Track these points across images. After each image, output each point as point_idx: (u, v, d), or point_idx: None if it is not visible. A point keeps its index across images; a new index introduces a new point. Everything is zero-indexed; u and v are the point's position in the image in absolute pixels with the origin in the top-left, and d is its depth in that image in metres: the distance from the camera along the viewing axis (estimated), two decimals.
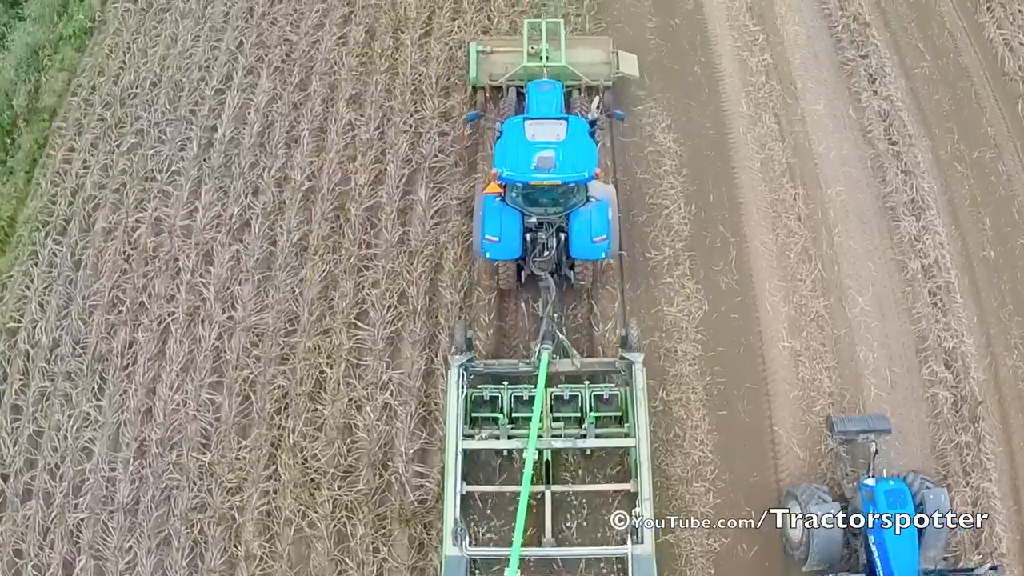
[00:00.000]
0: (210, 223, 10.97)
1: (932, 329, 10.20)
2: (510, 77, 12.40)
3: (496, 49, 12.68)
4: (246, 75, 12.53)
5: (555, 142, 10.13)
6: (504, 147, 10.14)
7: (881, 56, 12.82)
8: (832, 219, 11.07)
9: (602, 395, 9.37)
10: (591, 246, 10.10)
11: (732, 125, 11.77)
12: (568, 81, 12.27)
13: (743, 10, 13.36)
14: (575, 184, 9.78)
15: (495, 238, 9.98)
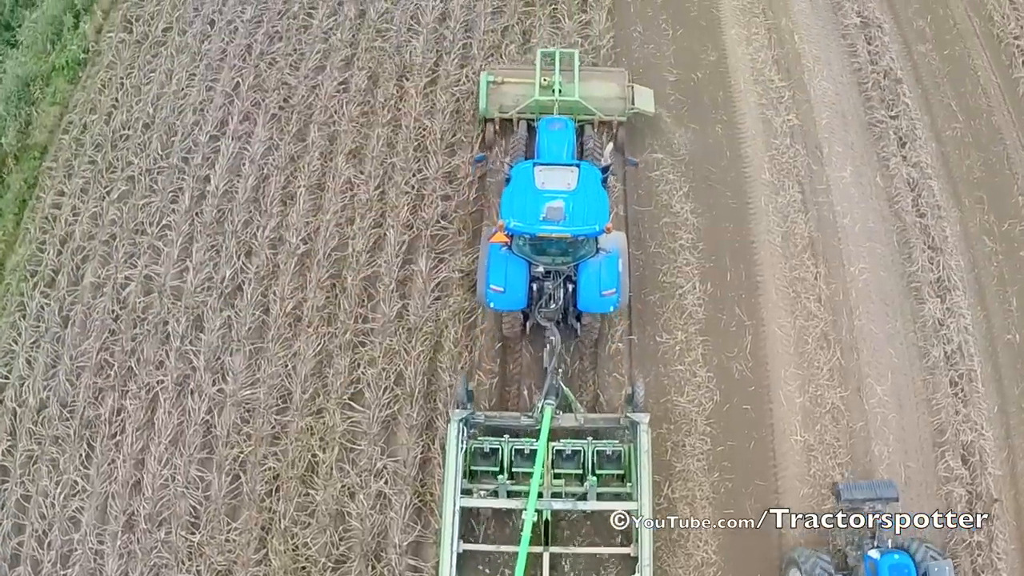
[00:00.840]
0: (201, 285, 11.67)
1: (951, 421, 10.77)
2: (521, 110, 13.18)
3: (507, 80, 13.45)
4: (242, 121, 13.24)
5: (565, 191, 10.73)
6: (512, 195, 10.75)
7: (912, 117, 13.43)
8: (854, 300, 11.64)
9: (605, 451, 9.96)
10: (600, 299, 10.72)
11: (754, 194, 12.36)
12: (581, 116, 13.02)
13: (769, 63, 13.94)
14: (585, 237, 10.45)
15: (500, 288, 10.59)
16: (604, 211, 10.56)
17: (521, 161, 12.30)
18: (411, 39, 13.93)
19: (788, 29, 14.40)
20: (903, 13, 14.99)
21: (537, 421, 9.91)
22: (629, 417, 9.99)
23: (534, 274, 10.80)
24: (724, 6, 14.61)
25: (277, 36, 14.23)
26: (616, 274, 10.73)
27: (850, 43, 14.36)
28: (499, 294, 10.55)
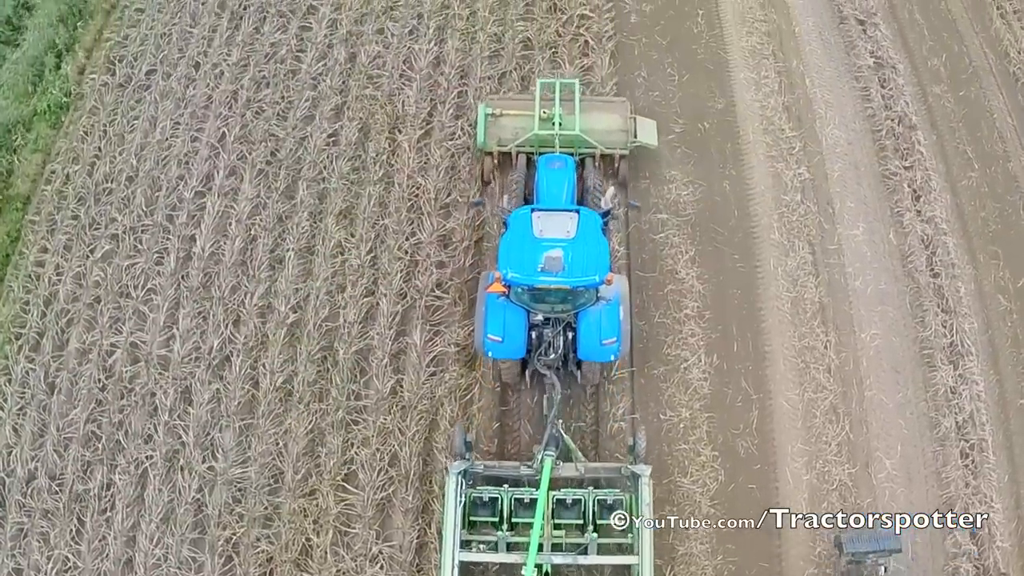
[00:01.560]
0: (188, 355, 12.24)
1: (960, 495, 11.28)
2: (520, 144, 13.74)
3: (506, 112, 14.04)
4: (228, 175, 13.85)
5: (564, 240, 11.30)
6: (509, 244, 11.30)
7: (926, 167, 14.00)
8: (864, 370, 12.20)
9: (606, 500, 10.52)
10: (600, 348, 11.33)
11: (762, 256, 12.90)
12: (582, 150, 13.65)
13: (779, 110, 14.49)
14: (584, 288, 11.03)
15: (498, 337, 11.18)
16: (604, 261, 11.09)
17: (519, 204, 12.83)
18: (404, 86, 14.53)
19: (799, 72, 15.00)
20: (918, 51, 15.60)
21: (537, 471, 10.51)
22: (631, 469, 10.52)
23: (533, 322, 11.39)
24: (732, 48, 15.18)
25: (264, 82, 14.85)
26: (617, 322, 11.28)
27: (863, 86, 14.97)
28: (497, 343, 11.12)
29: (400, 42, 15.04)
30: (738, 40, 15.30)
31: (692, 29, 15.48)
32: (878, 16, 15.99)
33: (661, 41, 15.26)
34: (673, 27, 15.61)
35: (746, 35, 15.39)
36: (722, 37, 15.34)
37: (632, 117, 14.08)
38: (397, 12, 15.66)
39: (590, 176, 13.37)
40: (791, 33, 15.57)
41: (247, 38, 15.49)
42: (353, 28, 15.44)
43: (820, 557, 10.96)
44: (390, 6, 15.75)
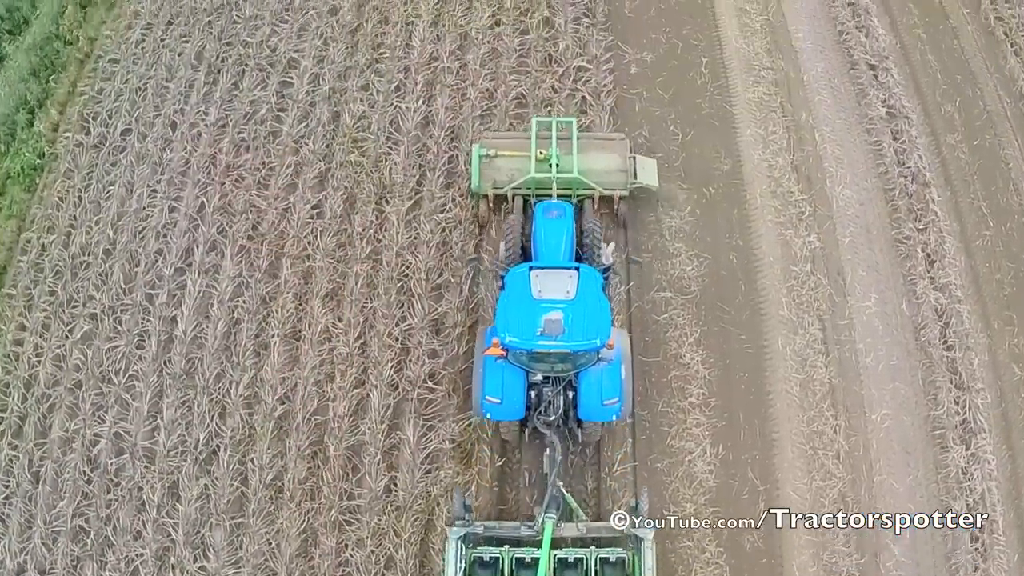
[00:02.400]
0: (174, 448, 12.87)
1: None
2: (516, 187, 14.38)
3: (501, 153, 14.67)
4: (208, 251, 14.40)
5: (564, 301, 11.85)
6: (507, 306, 11.87)
7: (940, 229, 14.60)
8: (874, 453, 12.84)
9: (608, 558, 11.20)
10: (601, 409, 12.02)
11: (770, 335, 13.46)
12: (580, 191, 14.30)
13: (788, 170, 15.05)
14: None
15: (496, 399, 11.89)
16: (606, 323, 11.66)
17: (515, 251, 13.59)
18: (391, 151, 15.04)
19: (808, 126, 15.51)
20: (930, 96, 16.19)
21: (538, 532, 11.22)
22: (633, 532, 11.19)
23: (532, 381, 12.06)
24: (738, 100, 15.70)
25: (244, 145, 15.39)
26: (619, 382, 11.97)
27: (875, 140, 15.51)
28: (495, 405, 11.81)
29: (386, 100, 15.56)
30: (744, 91, 15.81)
31: (696, 80, 15.98)
32: (890, 59, 16.56)
33: (663, 95, 15.72)
34: (676, 78, 16.09)
35: (753, 85, 15.93)
36: (727, 88, 15.86)
37: (632, 156, 14.73)
38: (382, 65, 16.19)
39: (589, 225, 13.90)
40: (799, 82, 16.09)
41: (225, 95, 16.00)
42: (336, 84, 15.94)
43: None
44: (375, 59, 16.30)
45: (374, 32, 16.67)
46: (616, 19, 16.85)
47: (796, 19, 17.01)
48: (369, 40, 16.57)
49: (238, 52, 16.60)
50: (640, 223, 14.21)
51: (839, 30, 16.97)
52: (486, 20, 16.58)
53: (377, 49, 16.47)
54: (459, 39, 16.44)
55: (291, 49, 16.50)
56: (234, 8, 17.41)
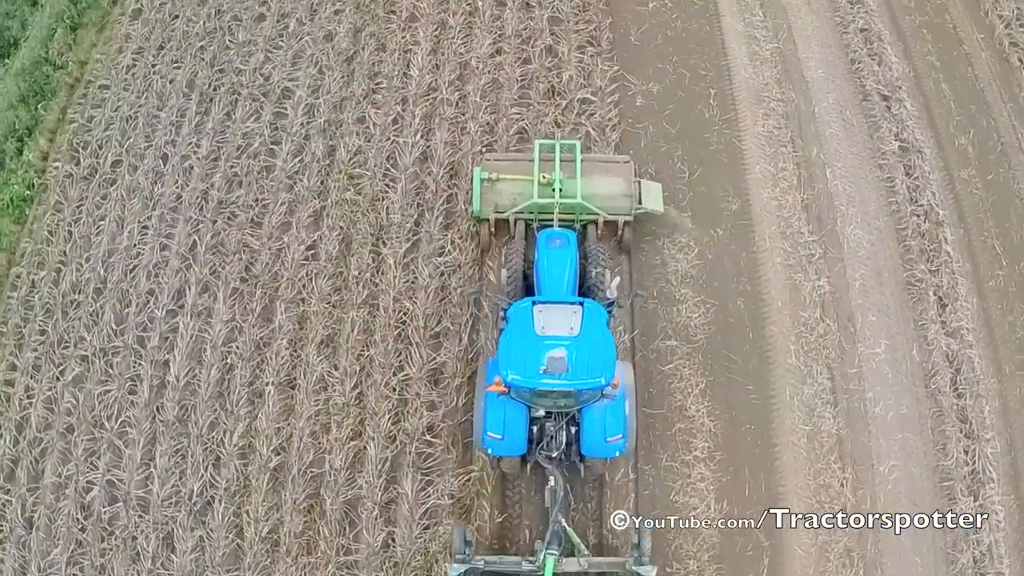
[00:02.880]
0: (168, 497, 13.08)
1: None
2: (518, 211, 14.65)
3: (503, 176, 14.95)
4: (201, 293, 14.60)
5: (568, 338, 12.08)
6: (510, 342, 12.12)
7: (953, 269, 14.85)
8: (882, 505, 13.05)
9: None
10: (604, 445, 12.32)
11: (778, 385, 13.68)
12: (584, 216, 14.58)
13: (798, 209, 15.27)
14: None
15: (498, 435, 12.18)
16: (610, 360, 11.86)
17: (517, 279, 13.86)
18: (387, 189, 15.25)
19: (819, 162, 15.74)
20: (944, 128, 16.43)
21: (539, 568, 11.51)
22: (635, 570, 11.51)
23: (534, 415, 12.33)
24: (747, 134, 15.89)
25: (236, 180, 15.58)
26: (623, 418, 12.27)
27: (887, 176, 15.73)
28: (497, 440, 12.12)
29: (383, 133, 15.75)
30: (753, 125, 16.01)
31: (704, 113, 16.16)
32: (903, 90, 16.77)
33: (670, 129, 15.90)
34: (683, 111, 16.26)
35: (762, 118, 16.13)
36: (736, 121, 16.06)
37: (636, 180, 15.00)
38: (379, 96, 16.37)
39: (593, 253, 14.12)
40: (810, 114, 16.29)
41: (218, 125, 16.22)
42: (332, 116, 16.14)
43: None
44: (371, 89, 16.48)
45: (371, 60, 16.87)
46: (622, 47, 17.03)
47: (807, 47, 17.22)
48: (366, 69, 16.74)
49: (231, 80, 16.79)
50: (646, 267, 14.40)
51: (851, 58, 17.20)
52: (487, 48, 16.78)
53: (374, 79, 16.64)
54: (459, 68, 16.64)
55: (285, 78, 16.69)
56: (227, 33, 17.64)
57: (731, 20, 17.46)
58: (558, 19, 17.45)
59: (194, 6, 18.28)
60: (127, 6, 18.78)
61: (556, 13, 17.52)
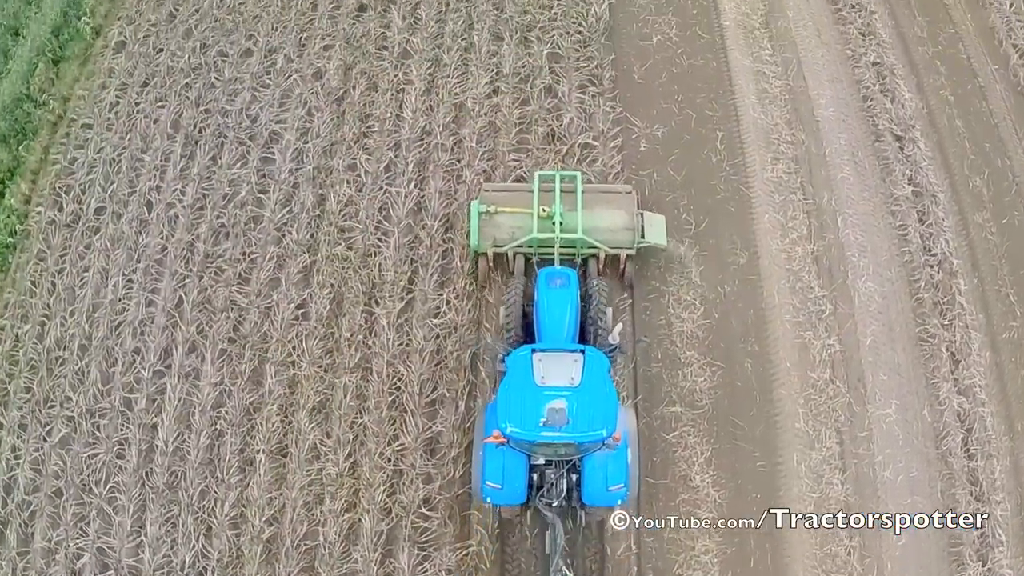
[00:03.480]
0: (160, 568, 13.27)
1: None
2: (517, 246, 14.80)
3: (501, 209, 15.09)
4: (188, 353, 14.71)
5: (568, 388, 12.24)
6: (509, 393, 12.28)
7: (966, 324, 14.91)
8: (889, 574, 13.18)
9: None
10: (606, 494, 12.56)
11: (785, 451, 13.79)
12: (585, 251, 14.77)
13: (808, 261, 15.28)
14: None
15: (497, 485, 12.43)
16: (612, 412, 12.02)
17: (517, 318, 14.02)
18: (380, 244, 15.25)
19: (830, 209, 15.74)
20: (958, 169, 16.45)
21: None
22: None
23: (534, 463, 12.55)
24: (756, 181, 15.90)
25: (223, 232, 15.63)
26: (625, 467, 12.53)
27: (900, 223, 15.76)
28: (496, 490, 12.38)
29: (375, 182, 15.78)
30: (762, 170, 16.02)
31: (711, 158, 16.17)
32: (916, 128, 16.77)
33: (675, 176, 15.89)
34: (689, 156, 16.27)
35: (771, 162, 16.15)
36: (744, 166, 16.07)
37: (639, 213, 15.16)
38: (371, 141, 16.38)
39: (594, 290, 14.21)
40: (821, 158, 16.29)
41: (203, 171, 16.25)
42: (321, 162, 16.14)
43: None
44: (363, 132, 16.49)
45: (362, 101, 16.89)
46: (624, 86, 17.01)
47: (817, 83, 17.22)
48: (356, 110, 16.77)
49: (216, 121, 16.82)
50: (650, 328, 14.42)
51: (863, 95, 17.18)
52: (483, 88, 16.76)
53: (365, 121, 16.63)
54: (454, 110, 16.63)
55: (272, 120, 16.72)
56: (212, 69, 17.68)
57: (739, 55, 17.47)
58: (558, 55, 17.45)
59: (178, 39, 18.33)
60: (110, 38, 18.84)
61: (556, 49, 17.50)
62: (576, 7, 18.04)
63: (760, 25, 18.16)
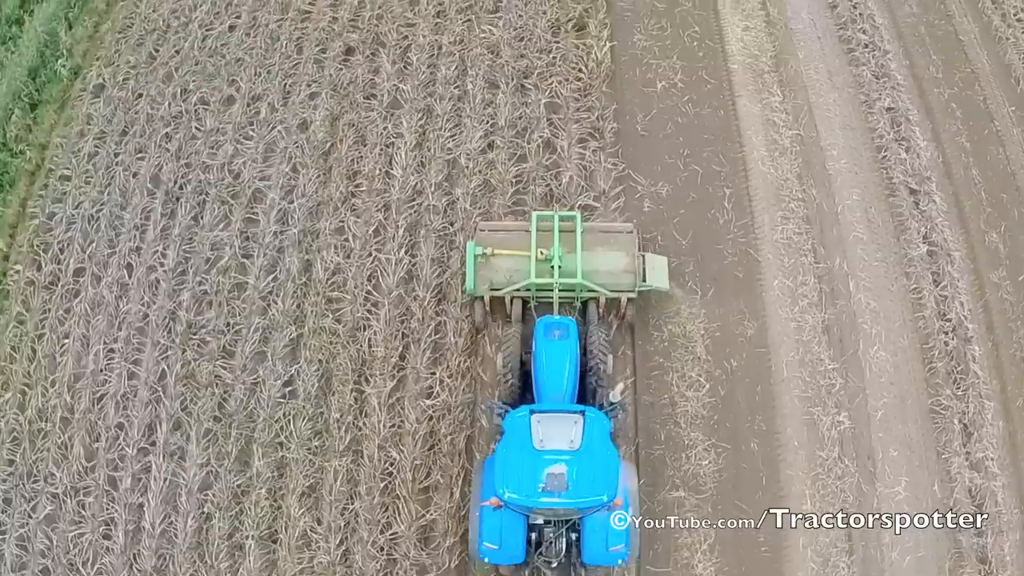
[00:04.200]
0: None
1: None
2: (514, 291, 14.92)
3: (498, 251, 15.20)
4: (173, 430, 14.77)
5: (567, 452, 12.41)
6: (507, 456, 12.45)
7: (980, 392, 14.95)
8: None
9: None
10: (607, 554, 12.78)
11: (791, 535, 13.67)
12: (585, 294, 14.94)
13: (818, 331, 15.24)
14: None
15: (494, 545, 12.60)
16: (613, 476, 12.20)
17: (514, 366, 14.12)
18: (369, 316, 15.19)
19: (842, 274, 15.67)
20: (974, 223, 16.49)
21: None
22: None
23: (533, 523, 12.73)
24: (765, 243, 15.83)
25: (206, 299, 15.61)
26: (626, 527, 12.62)
27: (915, 285, 15.73)
28: (494, 551, 12.54)
29: (363, 247, 15.71)
30: (772, 231, 15.95)
31: (718, 219, 16.07)
32: (932, 180, 16.72)
33: (681, 240, 15.82)
34: (695, 217, 16.18)
35: (781, 222, 16.06)
36: (753, 227, 15.99)
37: (640, 255, 15.28)
38: (359, 201, 16.30)
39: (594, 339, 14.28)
40: (833, 216, 16.24)
41: (184, 232, 16.21)
42: (307, 224, 16.06)
43: None
44: (351, 191, 16.40)
45: (349, 156, 16.76)
46: (627, 139, 16.90)
47: (830, 132, 17.12)
48: (344, 166, 16.66)
49: (198, 177, 16.76)
50: (654, 410, 14.35)
51: (877, 144, 17.10)
52: (477, 142, 16.66)
53: (353, 179, 16.57)
54: (446, 167, 16.53)
55: (256, 176, 16.65)
56: (193, 118, 17.61)
57: (747, 101, 17.36)
58: (556, 105, 17.31)
59: (159, 83, 18.26)
60: (88, 81, 18.77)
61: (554, 97, 17.37)
62: (575, 50, 17.91)
63: (770, 68, 18.03)
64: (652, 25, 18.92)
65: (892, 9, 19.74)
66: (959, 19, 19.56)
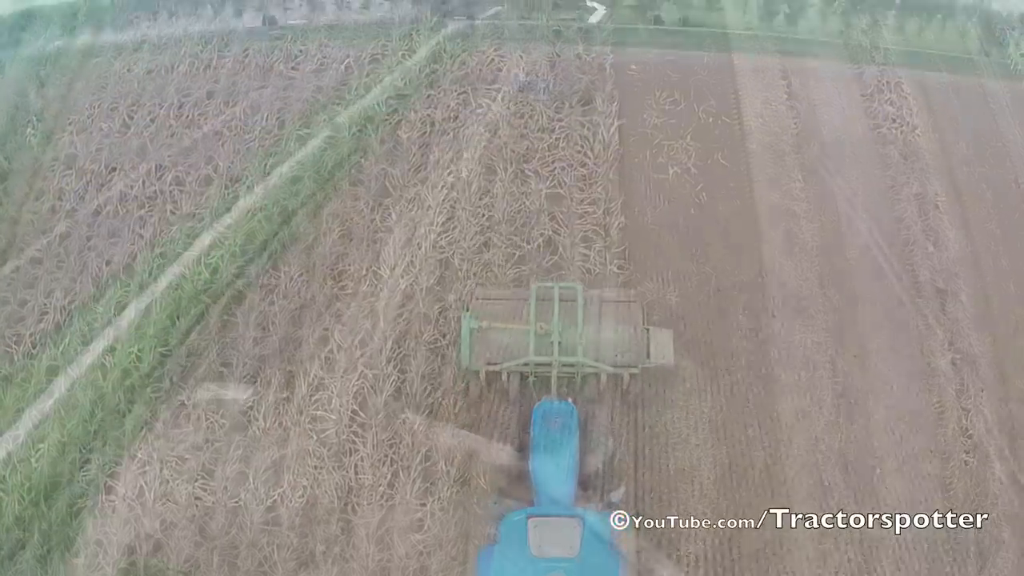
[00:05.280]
0: None
1: None
2: (512, 367, 14.90)
3: (495, 325, 15.17)
4: (153, 551, 14.12)
5: (566, 560, 12.59)
6: (503, 566, 12.57)
7: (1000, 514, 14.31)
8: None
9: None
10: None
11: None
12: (586, 369, 14.89)
13: (831, 458, 14.61)
14: None
15: None
16: None
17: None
18: (355, 439, 14.85)
19: (861, 391, 15.00)
20: (1003, 326, 16.08)
21: None
22: None
23: None
24: (781, 358, 15.32)
25: (183, 412, 15.19)
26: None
27: (937, 400, 15.31)
28: None
29: (349, 363, 15.42)
30: (788, 342, 15.36)
31: (734, 331, 15.46)
32: (960, 278, 16.38)
33: (690, 356, 15.15)
34: (707, 329, 15.76)
35: (799, 331, 15.56)
36: (770, 341, 15.46)
37: (645, 328, 15.29)
38: (343, 306, 15.88)
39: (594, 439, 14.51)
40: (854, 325, 15.73)
41: (160, 334, 15.84)
42: (289, 331, 15.72)
43: None
44: (335, 294, 16.06)
45: (333, 252, 16.46)
46: (635, 237, 16.55)
47: (854, 224, 16.67)
48: (328, 264, 16.38)
49: (174, 271, 16.41)
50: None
51: (904, 237, 16.75)
52: (472, 240, 16.32)
53: (338, 280, 16.28)
54: (439, 268, 16.22)
55: (234, 273, 16.28)
56: (168, 200, 17.34)
57: (766, 190, 16.99)
58: (559, 196, 16.94)
59: (132, 157, 18.02)
60: (60, 150, 18.61)
61: (556, 187, 17.01)
62: (581, 128, 17.55)
63: (791, 149, 17.67)
64: (664, 98, 18.56)
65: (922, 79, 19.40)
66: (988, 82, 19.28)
